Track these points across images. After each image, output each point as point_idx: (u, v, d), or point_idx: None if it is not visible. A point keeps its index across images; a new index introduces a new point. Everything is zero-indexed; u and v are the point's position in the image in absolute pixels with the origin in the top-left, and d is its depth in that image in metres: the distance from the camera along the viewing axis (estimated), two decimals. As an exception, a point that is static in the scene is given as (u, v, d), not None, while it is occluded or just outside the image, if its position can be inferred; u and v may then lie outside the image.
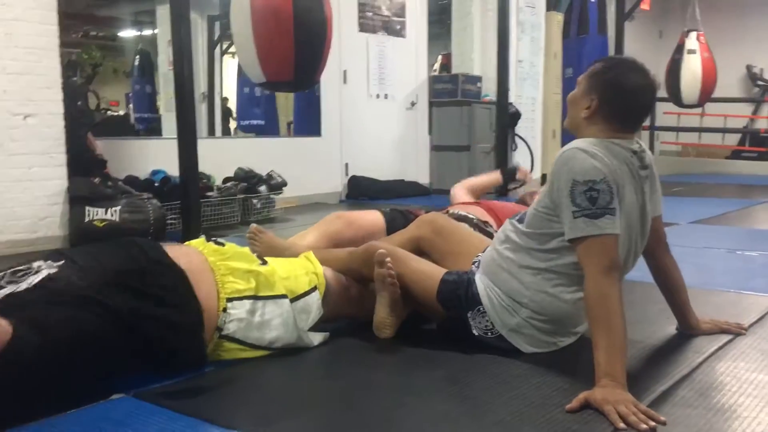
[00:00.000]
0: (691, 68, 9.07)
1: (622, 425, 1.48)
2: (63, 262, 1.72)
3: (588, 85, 1.91)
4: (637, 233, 1.92)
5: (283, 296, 1.97)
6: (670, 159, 10.61)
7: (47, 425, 1.56)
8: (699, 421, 1.54)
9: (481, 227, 2.72)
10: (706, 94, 9.23)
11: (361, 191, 6.60)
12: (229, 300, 1.88)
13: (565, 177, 1.78)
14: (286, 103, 8.80)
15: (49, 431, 1.54)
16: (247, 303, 1.90)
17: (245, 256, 2.04)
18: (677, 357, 1.97)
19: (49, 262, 1.71)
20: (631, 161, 1.86)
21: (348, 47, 6.47)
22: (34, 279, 1.63)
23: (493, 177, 4.07)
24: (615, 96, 1.88)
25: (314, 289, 2.06)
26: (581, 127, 1.92)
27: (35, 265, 1.69)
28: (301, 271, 2.08)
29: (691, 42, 9.10)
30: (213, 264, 1.94)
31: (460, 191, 3.47)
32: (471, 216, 2.79)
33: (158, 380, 1.80)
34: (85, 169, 4.14)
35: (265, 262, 2.04)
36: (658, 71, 9.27)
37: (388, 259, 2.04)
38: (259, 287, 1.94)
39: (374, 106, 6.94)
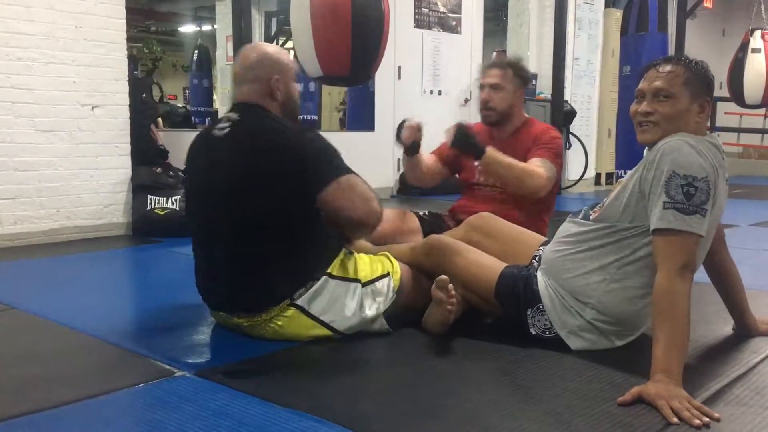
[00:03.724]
0: (755, 68, 8.78)
1: (675, 420, 1.48)
2: None
3: (694, 90, 1.82)
4: (711, 236, 1.90)
5: (356, 280, 2.06)
6: (731, 161, 10.21)
7: (114, 399, 1.64)
8: (754, 419, 1.53)
9: None
10: (771, 95, 8.93)
11: (412, 187, 6.62)
12: None
13: (665, 167, 1.73)
14: (329, 99, 8.89)
15: (115, 404, 1.63)
16: (322, 279, 2.01)
17: None
18: (733, 356, 1.95)
19: None
20: (723, 164, 1.82)
21: (403, 43, 6.50)
22: None
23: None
24: (713, 92, 1.86)
25: (387, 274, 2.13)
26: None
27: None
28: (377, 263, 2.16)
29: (756, 41, 8.81)
30: None
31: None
32: None
33: (219, 360, 1.87)
34: (147, 159, 4.29)
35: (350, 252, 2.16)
36: (721, 70, 9.03)
37: (451, 285, 2.02)
38: (335, 268, 2.04)
39: (428, 102, 6.95)
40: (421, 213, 2.92)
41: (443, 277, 2.02)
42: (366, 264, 2.13)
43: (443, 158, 2.96)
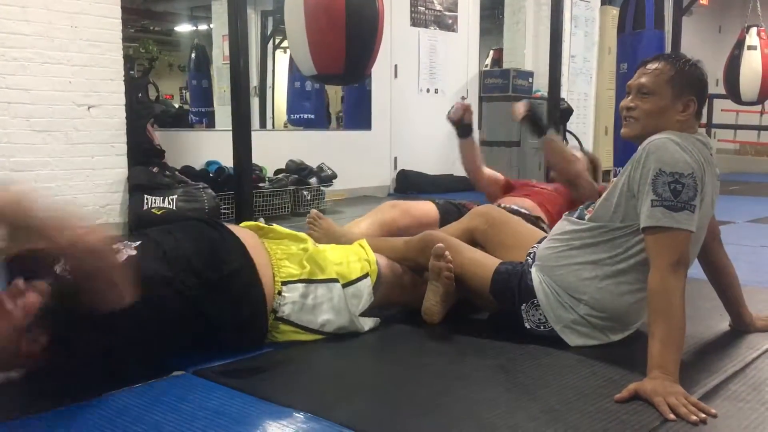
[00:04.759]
0: (751, 65, 8.81)
1: (672, 416, 1.48)
2: (140, 242, 1.81)
3: (677, 88, 1.83)
4: (704, 232, 1.91)
5: (335, 280, 2.02)
6: (728, 157, 10.33)
7: (112, 399, 1.64)
8: (751, 414, 1.53)
9: (534, 222, 2.73)
10: (767, 91, 8.95)
11: (409, 185, 6.63)
12: (284, 283, 1.95)
13: (651, 165, 1.74)
14: (335, 97, 8.91)
15: (113, 405, 1.62)
16: (300, 286, 1.97)
17: (295, 235, 2.12)
18: (730, 352, 1.96)
19: (127, 242, 1.81)
20: (711, 160, 1.83)
21: (399, 42, 6.50)
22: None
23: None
24: (704, 91, 1.87)
25: (366, 275, 2.10)
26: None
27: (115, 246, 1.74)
28: (353, 258, 2.13)
29: (752, 38, 8.83)
30: (269, 248, 2.01)
31: (478, 168, 3.25)
32: (524, 211, 2.80)
33: (216, 359, 1.87)
34: (144, 159, 4.28)
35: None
36: (717, 67, 9.05)
37: (447, 252, 2.06)
38: (312, 271, 2.00)
39: (424, 100, 6.95)
40: (435, 200, 2.98)
41: (440, 245, 2.06)
42: (341, 260, 2.08)
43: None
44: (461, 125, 3.02)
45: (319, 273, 2.01)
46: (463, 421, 1.50)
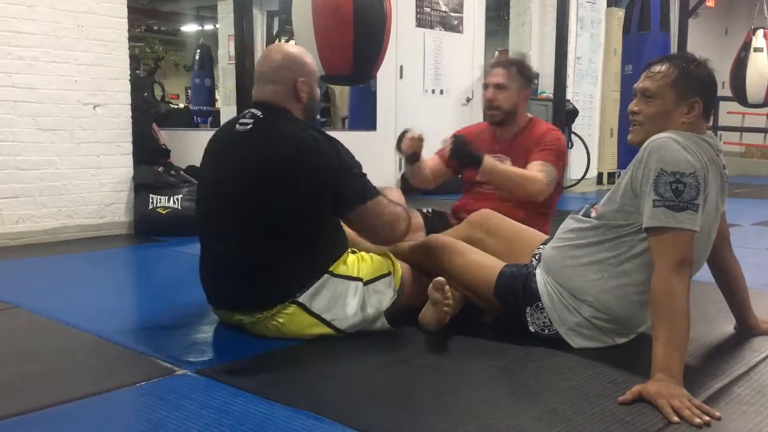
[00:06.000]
0: (758, 67, 8.78)
1: (675, 419, 1.48)
2: None
3: (681, 90, 1.82)
4: (714, 233, 1.90)
5: (358, 279, 2.06)
6: (734, 160, 10.28)
7: (115, 397, 1.65)
8: (755, 418, 1.53)
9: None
10: (773, 94, 8.92)
11: (414, 186, 6.63)
12: None
13: (653, 165, 1.73)
14: (341, 97, 8.90)
15: (116, 402, 1.63)
16: (323, 276, 2.02)
17: None
18: (735, 355, 1.95)
19: None
20: (717, 160, 1.83)
21: (405, 42, 6.50)
22: None
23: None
24: (711, 91, 1.86)
25: (389, 273, 2.14)
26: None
27: None
28: (378, 257, 2.17)
29: (758, 40, 8.81)
30: None
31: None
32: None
33: (220, 358, 1.88)
34: (149, 158, 4.29)
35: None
36: (723, 70, 9.02)
37: (447, 287, 2.03)
38: (337, 266, 2.04)
39: (429, 101, 6.95)
40: (424, 210, 2.93)
41: (440, 278, 2.03)
42: (367, 263, 2.13)
43: (446, 159, 2.92)
44: (413, 155, 2.78)
45: (344, 269, 2.05)
46: (467, 422, 1.50)
